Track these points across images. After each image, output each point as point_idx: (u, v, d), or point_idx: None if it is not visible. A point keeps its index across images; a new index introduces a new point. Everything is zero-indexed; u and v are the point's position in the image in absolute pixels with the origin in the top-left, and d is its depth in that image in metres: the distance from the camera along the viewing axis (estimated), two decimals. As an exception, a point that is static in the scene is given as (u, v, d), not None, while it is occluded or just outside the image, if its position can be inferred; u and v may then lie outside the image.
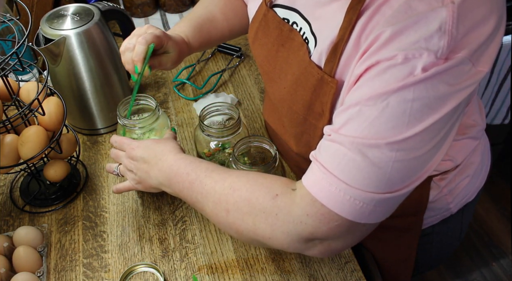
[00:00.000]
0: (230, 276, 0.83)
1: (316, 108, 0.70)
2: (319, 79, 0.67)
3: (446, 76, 0.56)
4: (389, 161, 0.58)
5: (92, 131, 1.09)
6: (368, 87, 0.58)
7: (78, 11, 0.99)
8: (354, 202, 0.59)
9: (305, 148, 0.78)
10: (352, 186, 0.59)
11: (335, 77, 0.66)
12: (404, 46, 0.56)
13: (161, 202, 0.95)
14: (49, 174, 0.92)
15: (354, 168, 0.58)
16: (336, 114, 0.63)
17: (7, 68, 0.76)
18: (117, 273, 0.84)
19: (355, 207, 0.59)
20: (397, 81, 0.56)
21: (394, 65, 0.56)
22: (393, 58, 0.56)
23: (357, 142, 0.58)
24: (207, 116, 0.87)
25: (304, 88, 0.71)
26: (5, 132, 0.85)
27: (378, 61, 0.57)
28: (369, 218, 0.61)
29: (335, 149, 0.60)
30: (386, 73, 0.57)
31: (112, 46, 1.03)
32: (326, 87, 0.67)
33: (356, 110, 0.59)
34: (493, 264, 1.84)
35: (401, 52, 0.55)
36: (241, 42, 1.34)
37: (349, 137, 0.59)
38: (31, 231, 0.86)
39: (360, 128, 0.58)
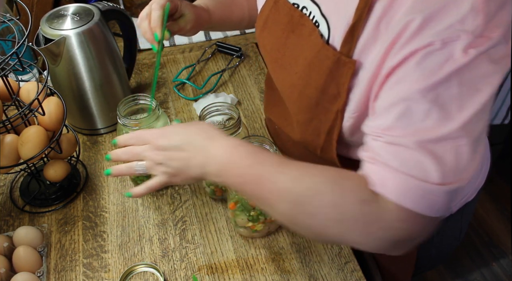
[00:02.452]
0: (230, 276, 0.83)
1: (331, 90, 0.69)
2: (336, 61, 0.67)
3: (486, 55, 0.55)
4: (454, 150, 0.57)
5: (92, 131, 1.09)
6: (411, 80, 0.57)
7: (78, 11, 0.99)
8: (437, 199, 0.58)
9: (312, 136, 0.77)
10: (432, 183, 0.57)
11: (352, 58, 0.65)
12: (439, 32, 0.55)
13: (161, 202, 0.95)
14: (49, 174, 0.92)
15: (426, 165, 0.57)
16: (380, 113, 0.62)
17: (7, 68, 0.76)
18: (117, 273, 0.84)
19: (439, 203, 0.59)
20: (439, 68, 0.55)
21: (433, 51, 0.55)
22: (430, 45, 0.55)
23: (419, 140, 0.57)
24: (207, 116, 0.87)
25: (319, 72, 0.70)
26: (5, 132, 0.85)
27: (415, 51, 0.56)
28: (451, 209, 0.61)
29: (400, 151, 0.59)
30: (426, 62, 0.56)
31: (112, 46, 1.03)
32: (343, 69, 0.66)
33: (405, 106, 0.57)
34: (493, 264, 1.84)
35: (438, 38, 0.55)
36: (241, 42, 1.34)
37: (408, 137, 0.58)
38: (31, 231, 0.86)
39: (415, 125, 0.58)
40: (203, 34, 1.38)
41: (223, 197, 0.93)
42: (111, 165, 1.02)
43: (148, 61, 1.30)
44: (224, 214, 0.93)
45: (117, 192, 0.97)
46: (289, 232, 0.89)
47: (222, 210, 0.93)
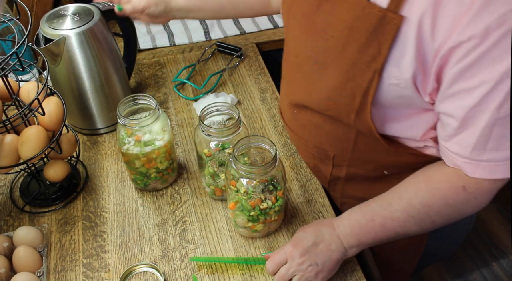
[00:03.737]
0: (230, 276, 0.83)
1: (372, 49, 0.70)
2: (381, 18, 0.67)
3: None
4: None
5: (92, 131, 1.09)
6: (490, 66, 0.61)
7: (78, 11, 0.99)
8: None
9: (347, 98, 0.77)
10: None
11: (398, 13, 0.66)
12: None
13: (161, 202, 0.95)
14: (49, 174, 0.92)
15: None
16: (464, 93, 0.66)
17: (7, 68, 0.76)
18: (117, 273, 0.84)
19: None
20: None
21: (508, 31, 0.58)
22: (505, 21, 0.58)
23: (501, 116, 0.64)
24: (207, 116, 0.87)
25: (361, 31, 0.70)
26: (5, 132, 0.84)
27: (487, 30, 0.59)
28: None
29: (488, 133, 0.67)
30: (502, 43, 0.59)
31: (112, 46, 1.03)
32: (388, 26, 0.67)
33: (489, 87, 0.63)
34: (493, 264, 1.84)
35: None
36: (241, 42, 1.34)
37: (488, 113, 0.65)
38: (31, 231, 0.86)
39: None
40: (203, 34, 1.38)
41: (223, 197, 0.93)
42: (112, 165, 1.02)
43: (147, 61, 1.30)
44: (224, 214, 0.93)
45: (117, 192, 0.97)
46: (289, 232, 0.89)
47: (222, 210, 0.93)
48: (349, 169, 0.92)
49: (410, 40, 0.66)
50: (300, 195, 0.96)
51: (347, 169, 0.92)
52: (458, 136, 0.70)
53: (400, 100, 0.74)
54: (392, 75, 0.70)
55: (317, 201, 0.95)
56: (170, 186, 0.98)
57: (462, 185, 0.73)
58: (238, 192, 0.80)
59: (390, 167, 0.87)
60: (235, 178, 0.80)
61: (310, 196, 0.96)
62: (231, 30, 1.39)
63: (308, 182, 0.98)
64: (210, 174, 0.89)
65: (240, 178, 0.79)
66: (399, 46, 0.67)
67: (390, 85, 0.71)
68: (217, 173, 0.88)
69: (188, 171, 1.01)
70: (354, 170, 0.91)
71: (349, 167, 0.91)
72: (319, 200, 0.95)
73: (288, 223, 0.91)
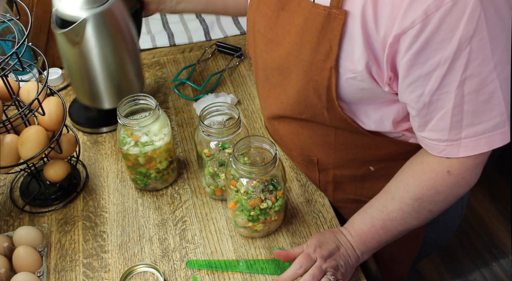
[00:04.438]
0: (230, 276, 0.83)
1: (323, 47, 0.72)
2: (326, 15, 0.70)
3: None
4: (496, 85, 0.65)
5: (94, 130, 1.09)
6: (440, 48, 0.63)
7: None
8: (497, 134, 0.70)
9: (315, 99, 0.79)
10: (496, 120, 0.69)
11: (342, 8, 0.68)
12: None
13: (161, 202, 0.95)
14: (49, 174, 0.92)
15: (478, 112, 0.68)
16: (422, 77, 0.67)
17: (7, 68, 0.76)
18: (117, 273, 0.84)
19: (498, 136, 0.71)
20: (463, 26, 0.61)
21: (448, 11, 0.60)
22: (442, 5, 0.60)
23: (469, 91, 0.66)
24: (207, 116, 0.87)
25: (311, 31, 0.73)
26: (5, 132, 0.84)
27: (426, 14, 0.61)
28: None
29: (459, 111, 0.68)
30: (446, 22, 0.61)
31: (130, 26, 1.00)
32: (334, 22, 0.69)
33: (445, 68, 0.64)
34: (493, 264, 1.84)
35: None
36: (241, 42, 1.34)
37: (453, 93, 0.66)
38: (31, 231, 0.86)
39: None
40: (203, 34, 1.38)
41: (223, 197, 0.93)
42: (112, 165, 1.02)
43: (147, 61, 1.30)
44: (224, 214, 0.93)
45: (117, 192, 0.97)
46: (289, 232, 0.89)
47: (222, 210, 0.93)
48: (335, 171, 0.93)
49: (357, 33, 0.68)
50: (300, 195, 0.96)
51: (333, 172, 0.93)
52: (430, 123, 0.72)
53: (362, 93, 0.76)
54: (348, 69, 0.72)
55: (317, 201, 0.95)
56: (170, 186, 0.98)
57: (447, 170, 0.74)
58: (238, 192, 0.80)
59: (375, 161, 0.89)
60: (235, 178, 0.80)
61: (310, 196, 0.96)
62: (231, 30, 1.39)
63: (308, 182, 0.98)
64: (210, 174, 0.89)
65: (240, 178, 0.79)
66: (348, 41, 0.70)
67: (348, 79, 0.74)
68: (217, 173, 0.88)
69: (188, 171, 1.01)
70: (340, 172, 0.93)
71: (335, 170, 0.93)
72: (319, 200, 0.95)
73: (288, 223, 0.91)
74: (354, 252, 0.80)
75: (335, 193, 0.97)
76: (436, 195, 0.77)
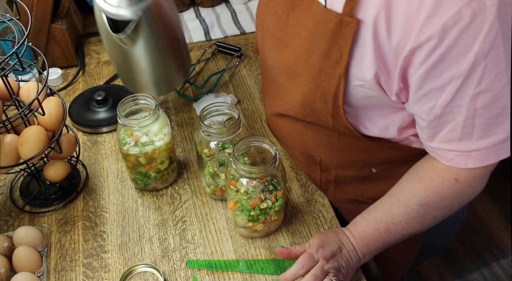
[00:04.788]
0: (230, 276, 0.83)
1: (334, 54, 0.71)
2: (338, 22, 0.69)
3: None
4: (505, 103, 0.65)
5: (94, 130, 1.09)
6: (455, 63, 0.62)
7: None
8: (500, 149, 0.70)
9: (320, 104, 0.79)
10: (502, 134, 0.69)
11: (355, 17, 0.67)
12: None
13: (161, 202, 0.95)
14: (49, 174, 0.92)
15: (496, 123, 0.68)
16: (433, 92, 0.67)
17: (7, 68, 0.76)
18: (117, 273, 0.84)
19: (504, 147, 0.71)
20: (480, 41, 0.60)
21: (466, 27, 0.59)
22: (460, 19, 0.59)
23: (480, 106, 0.65)
24: (207, 116, 0.87)
25: (321, 37, 0.72)
26: (5, 132, 0.84)
27: (446, 27, 0.60)
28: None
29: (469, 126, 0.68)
30: (463, 38, 0.60)
31: (177, 13, 0.97)
32: (345, 30, 0.68)
33: (459, 83, 0.64)
34: (493, 264, 1.84)
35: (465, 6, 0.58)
36: (241, 42, 1.34)
37: (465, 106, 0.66)
38: (31, 231, 0.86)
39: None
40: (203, 34, 1.38)
41: (223, 197, 0.93)
42: (112, 165, 1.02)
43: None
44: (224, 214, 0.93)
45: (117, 192, 0.97)
46: (289, 232, 0.89)
47: (222, 210, 0.93)
48: (337, 171, 0.93)
49: (368, 42, 0.67)
50: (300, 195, 0.96)
51: (335, 172, 0.93)
52: (440, 134, 0.71)
53: (369, 100, 0.75)
54: (356, 77, 0.72)
55: (317, 201, 0.95)
56: (170, 186, 0.98)
57: (454, 177, 0.74)
58: (238, 192, 0.80)
59: (377, 164, 0.89)
60: (235, 178, 0.80)
61: (310, 196, 0.96)
62: (231, 30, 1.39)
63: (308, 182, 0.98)
64: (210, 174, 0.89)
65: (240, 178, 0.79)
66: (359, 49, 0.69)
67: (356, 87, 0.73)
68: (217, 173, 0.88)
69: (188, 171, 1.01)
70: (342, 172, 0.92)
71: (337, 170, 0.92)
72: (319, 200, 0.95)
73: (288, 223, 0.91)
74: (356, 254, 0.80)
75: (336, 193, 0.97)
76: (441, 201, 0.77)
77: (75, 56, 1.27)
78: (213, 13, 1.46)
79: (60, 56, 1.25)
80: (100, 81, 1.24)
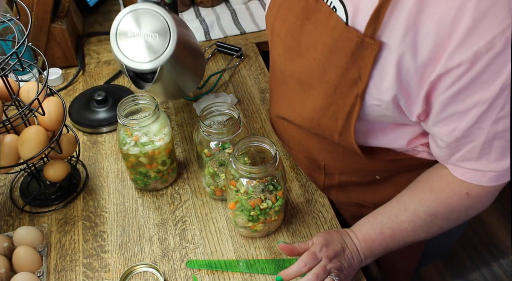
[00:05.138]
0: (230, 276, 0.83)
1: (352, 74, 0.69)
2: (359, 42, 0.66)
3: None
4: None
5: (94, 130, 1.09)
6: (482, 89, 0.61)
7: (149, 26, 0.82)
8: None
9: (330, 121, 0.78)
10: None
11: (376, 39, 0.65)
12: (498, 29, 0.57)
13: (161, 202, 0.95)
14: (49, 174, 0.92)
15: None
16: (459, 113, 0.66)
17: (7, 68, 0.76)
18: (117, 273, 0.84)
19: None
20: (508, 68, 0.59)
21: (497, 54, 0.58)
22: (493, 46, 0.57)
23: (498, 131, 0.65)
24: (207, 116, 0.87)
25: (340, 55, 0.69)
26: (5, 132, 0.84)
27: (477, 55, 0.59)
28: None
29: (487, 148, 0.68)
30: (493, 65, 0.59)
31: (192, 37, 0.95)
32: (366, 51, 0.66)
33: (484, 108, 0.63)
34: (493, 264, 1.84)
35: (498, 35, 0.57)
36: (241, 42, 1.34)
37: (486, 130, 0.65)
38: (31, 231, 0.86)
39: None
40: (203, 34, 1.38)
41: (223, 197, 0.93)
42: (112, 165, 1.02)
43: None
44: (224, 214, 0.93)
45: (117, 192, 0.97)
46: (289, 232, 0.89)
47: (222, 210, 0.93)
48: (341, 177, 0.92)
49: (391, 66, 0.65)
50: (300, 195, 0.96)
51: (339, 177, 0.93)
52: (457, 154, 0.71)
53: (384, 118, 0.75)
54: (373, 97, 0.70)
55: (317, 201, 0.95)
56: (170, 186, 0.98)
57: (466, 191, 0.74)
58: (238, 192, 0.80)
59: (382, 172, 0.88)
60: (235, 178, 0.80)
61: (310, 196, 0.96)
62: (231, 30, 1.39)
63: (308, 182, 0.98)
64: (210, 174, 0.89)
65: (240, 178, 0.79)
66: (378, 70, 0.67)
67: (372, 105, 0.72)
68: (217, 173, 0.88)
69: (188, 171, 1.01)
70: (346, 178, 0.92)
71: (341, 175, 0.92)
72: (319, 200, 0.95)
73: (288, 223, 0.91)
74: (359, 256, 0.80)
75: (338, 196, 0.97)
76: (450, 213, 0.76)
77: (75, 56, 1.27)
78: (213, 13, 1.46)
79: (60, 56, 1.25)
80: (100, 81, 1.24)
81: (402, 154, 0.84)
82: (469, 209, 0.76)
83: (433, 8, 0.60)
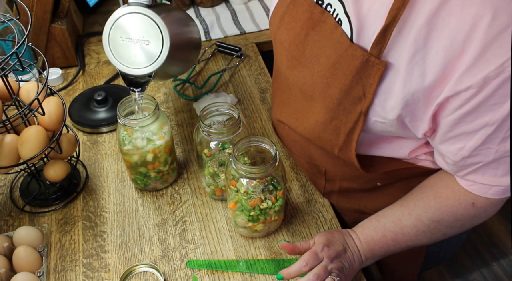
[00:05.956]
0: (230, 276, 0.83)
1: (356, 91, 0.69)
2: (364, 61, 0.66)
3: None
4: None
5: (94, 130, 1.09)
6: (491, 111, 0.61)
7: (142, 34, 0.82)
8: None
9: (331, 135, 0.77)
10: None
11: (381, 58, 0.64)
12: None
13: (161, 202, 0.95)
14: (49, 174, 0.92)
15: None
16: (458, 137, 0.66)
17: (7, 68, 0.76)
18: (117, 273, 0.84)
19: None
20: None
21: (507, 79, 0.57)
22: (505, 70, 0.57)
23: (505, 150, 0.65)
24: (207, 116, 0.87)
25: (344, 72, 0.69)
26: (5, 132, 0.84)
27: (485, 81, 0.58)
28: None
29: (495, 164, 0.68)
30: (501, 89, 0.59)
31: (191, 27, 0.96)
32: (371, 70, 0.65)
33: (492, 130, 0.63)
34: (493, 264, 1.84)
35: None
36: (241, 42, 1.34)
37: (494, 149, 0.65)
38: (31, 231, 0.86)
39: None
40: (203, 34, 1.38)
41: (223, 197, 0.93)
42: (112, 165, 1.02)
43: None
44: (224, 214, 0.93)
45: (117, 192, 0.97)
46: (289, 232, 0.89)
47: (222, 210, 0.93)
48: (342, 183, 0.92)
49: (397, 86, 0.65)
50: (300, 195, 0.96)
51: (340, 183, 0.92)
52: (464, 171, 0.71)
53: (388, 133, 0.75)
54: (378, 114, 0.70)
55: (317, 201, 0.95)
56: (170, 186, 0.98)
57: (471, 201, 0.74)
58: (238, 192, 0.80)
59: (383, 179, 0.88)
60: (235, 178, 0.80)
61: (310, 196, 0.96)
62: (231, 30, 1.39)
63: (308, 182, 0.98)
64: (210, 174, 0.89)
65: (240, 178, 0.79)
66: (384, 90, 0.66)
67: (376, 122, 0.71)
68: (217, 173, 0.88)
69: (188, 171, 1.01)
70: (347, 184, 0.92)
71: (342, 181, 0.92)
72: (319, 200, 0.95)
73: (288, 223, 0.91)
74: (360, 257, 0.80)
75: (339, 202, 0.96)
76: (454, 221, 0.76)
77: (75, 56, 1.27)
78: (213, 13, 1.46)
79: (60, 56, 1.26)
80: (100, 81, 1.24)
81: (403, 163, 0.83)
82: (474, 218, 0.76)
83: (443, 29, 0.59)
